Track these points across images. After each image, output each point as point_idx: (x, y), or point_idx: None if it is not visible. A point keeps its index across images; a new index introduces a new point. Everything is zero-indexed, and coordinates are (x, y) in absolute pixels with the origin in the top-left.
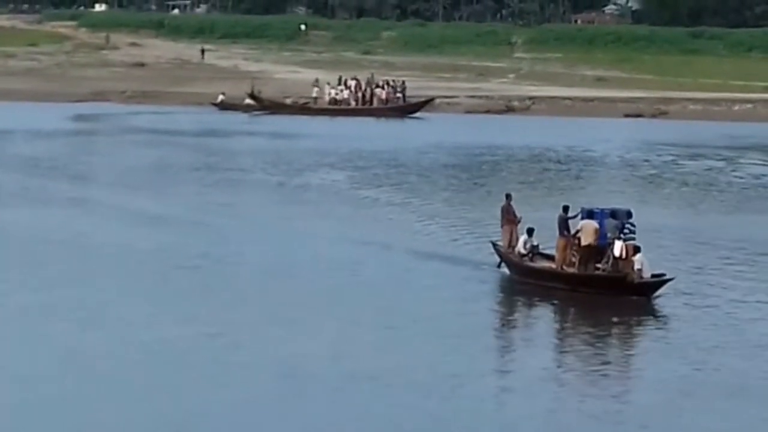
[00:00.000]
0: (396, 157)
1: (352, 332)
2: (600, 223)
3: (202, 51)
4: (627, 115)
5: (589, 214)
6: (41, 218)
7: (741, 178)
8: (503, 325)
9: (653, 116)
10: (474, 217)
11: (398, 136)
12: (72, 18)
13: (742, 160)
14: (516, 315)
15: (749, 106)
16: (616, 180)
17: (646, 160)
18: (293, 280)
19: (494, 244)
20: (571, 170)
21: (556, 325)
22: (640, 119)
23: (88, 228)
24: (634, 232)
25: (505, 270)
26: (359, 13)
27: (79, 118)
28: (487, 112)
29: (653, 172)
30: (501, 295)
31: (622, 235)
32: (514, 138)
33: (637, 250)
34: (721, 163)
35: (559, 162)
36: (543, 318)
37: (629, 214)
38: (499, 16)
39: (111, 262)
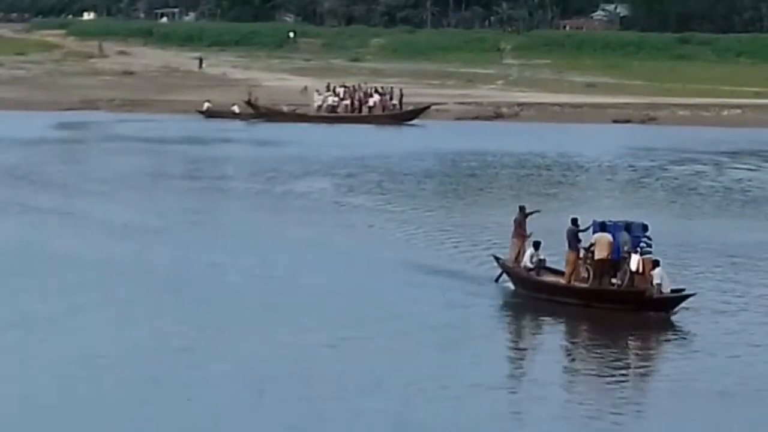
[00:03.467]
0: (398, 164)
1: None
2: (614, 237)
3: (200, 60)
4: (616, 121)
5: (602, 227)
6: (11, 227)
7: (728, 183)
8: (513, 338)
9: (642, 122)
10: (471, 228)
11: (396, 143)
12: (61, 26)
13: (732, 165)
14: (527, 330)
15: (738, 111)
16: (604, 186)
17: (633, 166)
18: (281, 290)
19: (496, 258)
20: (561, 177)
21: (571, 340)
22: (629, 125)
23: (58, 237)
24: (650, 246)
25: (507, 284)
26: (348, 20)
27: (67, 126)
28: (476, 118)
29: (641, 177)
30: (509, 309)
31: (638, 249)
32: (504, 144)
33: (656, 264)
34: (709, 168)
35: (548, 169)
36: (555, 333)
37: (645, 228)
38: (487, 22)
39: (75, 272)
